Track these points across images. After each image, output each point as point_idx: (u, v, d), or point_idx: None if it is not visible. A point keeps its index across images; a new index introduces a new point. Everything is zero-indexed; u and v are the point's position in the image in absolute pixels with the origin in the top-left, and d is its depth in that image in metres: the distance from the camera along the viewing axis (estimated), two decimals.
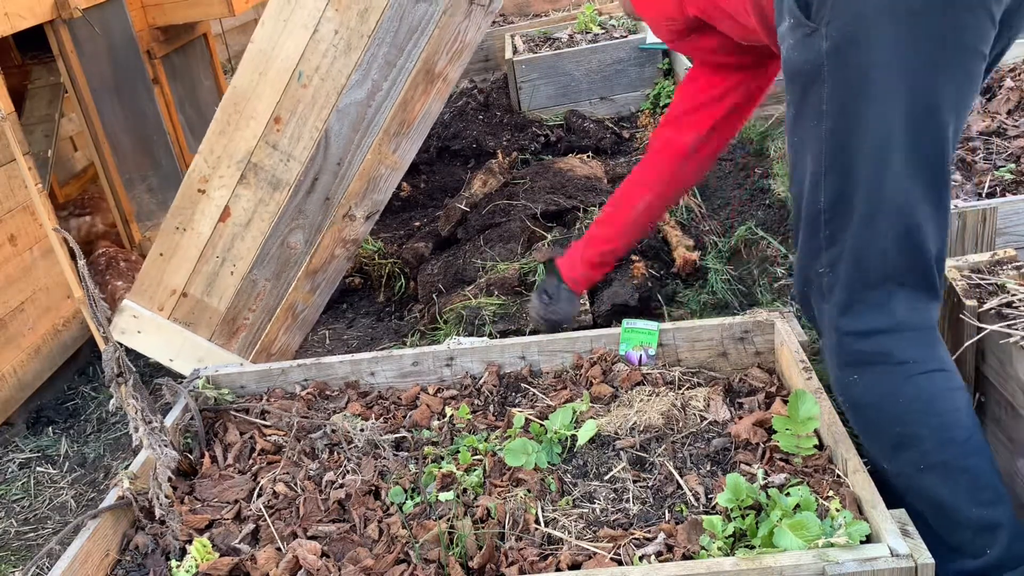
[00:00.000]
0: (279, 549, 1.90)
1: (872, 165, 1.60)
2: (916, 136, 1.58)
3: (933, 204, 1.62)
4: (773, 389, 2.17)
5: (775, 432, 1.90)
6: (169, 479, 2.06)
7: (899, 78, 1.54)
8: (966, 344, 1.82)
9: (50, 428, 3.10)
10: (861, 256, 1.65)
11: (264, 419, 2.34)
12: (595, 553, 1.72)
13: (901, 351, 1.65)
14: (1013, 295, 1.77)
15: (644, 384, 2.24)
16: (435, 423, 2.25)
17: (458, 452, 2.09)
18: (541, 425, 2.09)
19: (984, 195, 2.54)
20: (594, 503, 1.89)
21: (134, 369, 1.99)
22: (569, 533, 1.80)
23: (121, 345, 1.97)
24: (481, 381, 2.37)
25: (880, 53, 1.54)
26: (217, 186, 2.54)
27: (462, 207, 3.47)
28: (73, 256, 1.89)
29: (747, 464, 1.91)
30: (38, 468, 2.90)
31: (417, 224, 3.97)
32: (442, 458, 2.10)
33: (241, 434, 2.32)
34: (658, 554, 1.68)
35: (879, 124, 1.58)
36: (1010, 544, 1.62)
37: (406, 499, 1.99)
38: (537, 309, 2.57)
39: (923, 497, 1.67)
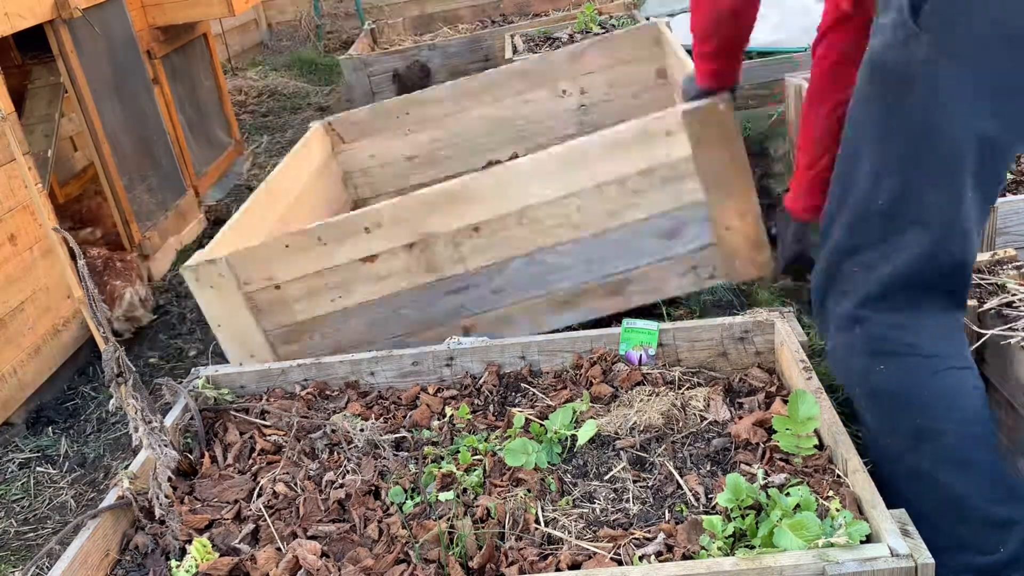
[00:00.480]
0: (279, 549, 1.90)
1: (944, 182, 1.60)
2: (991, 160, 1.59)
3: (982, 223, 1.66)
4: (773, 389, 2.17)
5: (775, 432, 1.90)
6: (169, 479, 2.06)
7: (987, 101, 1.54)
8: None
9: (50, 428, 3.10)
10: (914, 267, 1.65)
11: (264, 419, 2.34)
12: (595, 553, 1.72)
13: (931, 345, 1.67)
14: (1013, 295, 1.78)
15: (644, 384, 2.24)
16: (435, 423, 2.25)
17: (458, 452, 2.09)
18: (541, 425, 2.09)
19: None
20: (594, 503, 1.89)
21: (134, 369, 1.99)
22: (569, 533, 1.80)
23: (121, 345, 1.97)
24: (481, 381, 2.37)
25: (972, 74, 1.53)
26: (383, 236, 2.54)
27: None
28: (73, 256, 1.90)
29: (747, 464, 1.91)
30: (38, 468, 2.90)
31: None
32: (442, 458, 2.10)
33: (241, 434, 2.32)
34: (658, 554, 1.68)
35: (958, 143, 1.57)
36: (1022, 541, 1.63)
37: (406, 499, 1.99)
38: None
39: (937, 491, 1.68)
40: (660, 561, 1.65)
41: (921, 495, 1.70)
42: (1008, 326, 1.72)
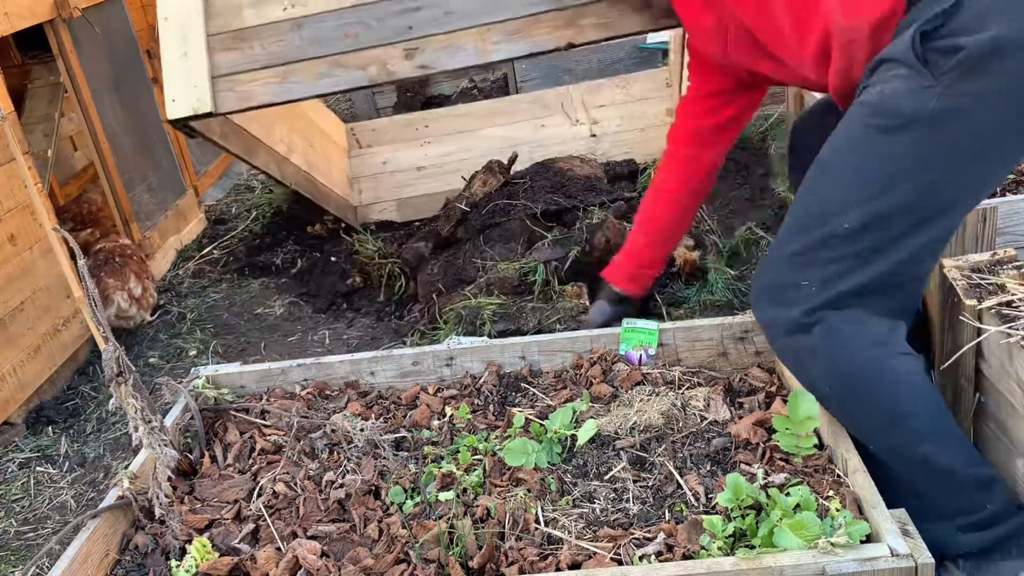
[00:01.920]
0: (279, 549, 1.89)
1: (928, 226, 1.71)
2: (966, 208, 1.77)
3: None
4: (773, 389, 2.17)
5: (775, 432, 1.90)
6: (169, 479, 2.06)
7: (979, 163, 1.69)
8: (967, 345, 1.82)
9: (50, 428, 3.10)
10: (874, 287, 1.74)
11: (264, 419, 2.34)
12: (595, 553, 1.72)
13: (886, 335, 1.76)
14: (1013, 295, 1.77)
15: (644, 384, 2.24)
16: (435, 423, 2.25)
17: (458, 452, 2.09)
18: (541, 425, 2.09)
19: None
20: (594, 503, 1.89)
21: (134, 369, 1.99)
22: (569, 533, 1.80)
23: (121, 345, 1.97)
24: (481, 381, 2.37)
25: (975, 139, 1.66)
26: None
27: (462, 207, 3.47)
28: (73, 256, 1.89)
29: (747, 464, 1.91)
30: (38, 468, 2.90)
31: (417, 224, 3.97)
32: (442, 458, 2.10)
33: (241, 434, 2.31)
34: (658, 554, 1.68)
35: (946, 192, 1.69)
36: (1003, 498, 1.75)
37: (406, 499, 1.99)
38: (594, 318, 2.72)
39: (925, 468, 1.75)
40: (660, 561, 1.65)
41: (908, 473, 1.77)
42: (1008, 325, 1.72)
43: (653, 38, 4.64)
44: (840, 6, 1.76)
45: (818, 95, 2.63)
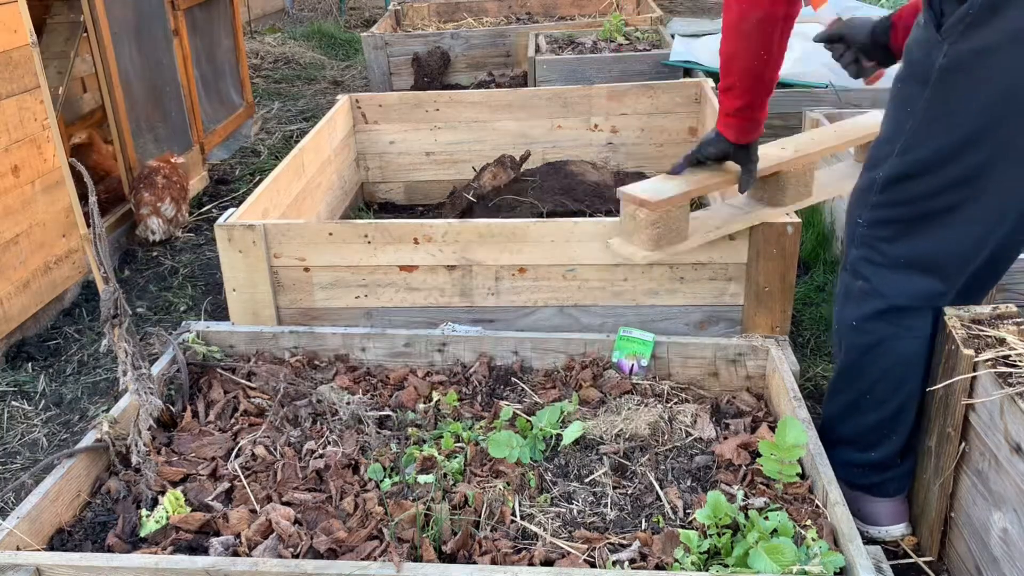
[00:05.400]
0: (253, 511, 1.88)
1: (954, 194, 1.73)
2: (1006, 183, 1.71)
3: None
4: (760, 414, 2.18)
5: (759, 456, 1.91)
6: (149, 428, 2.04)
7: (984, 120, 1.63)
8: (959, 393, 1.84)
9: (29, 364, 3.06)
10: (911, 259, 1.84)
11: (250, 381, 2.33)
12: (569, 553, 1.72)
13: (891, 318, 1.94)
14: (1012, 349, 1.79)
15: (633, 393, 2.25)
16: (421, 406, 2.24)
17: (441, 437, 2.08)
18: (528, 421, 2.09)
19: None
20: (572, 504, 1.89)
21: (130, 312, 1.98)
22: (545, 530, 1.80)
23: (120, 287, 1.95)
24: (471, 370, 2.37)
25: (976, 97, 1.62)
26: (429, 251, 2.55)
27: (468, 196, 3.47)
28: (84, 191, 1.87)
29: (727, 484, 1.92)
30: (12, 403, 2.87)
31: (420, 208, 3.97)
32: (424, 441, 2.10)
33: (225, 392, 2.30)
34: (632, 561, 1.69)
35: (970, 158, 1.67)
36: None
37: (384, 477, 1.98)
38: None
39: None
40: (633, 568, 1.66)
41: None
42: (1003, 378, 1.74)
43: (677, 55, 4.65)
44: None
45: None
